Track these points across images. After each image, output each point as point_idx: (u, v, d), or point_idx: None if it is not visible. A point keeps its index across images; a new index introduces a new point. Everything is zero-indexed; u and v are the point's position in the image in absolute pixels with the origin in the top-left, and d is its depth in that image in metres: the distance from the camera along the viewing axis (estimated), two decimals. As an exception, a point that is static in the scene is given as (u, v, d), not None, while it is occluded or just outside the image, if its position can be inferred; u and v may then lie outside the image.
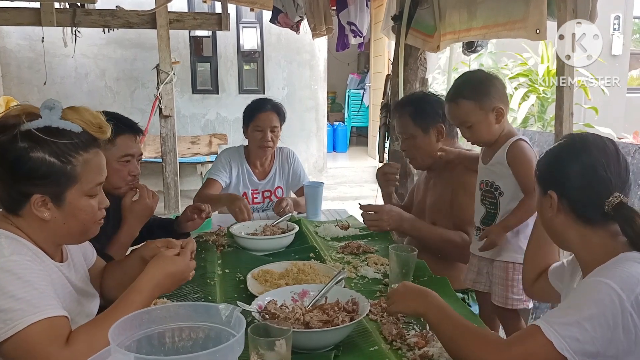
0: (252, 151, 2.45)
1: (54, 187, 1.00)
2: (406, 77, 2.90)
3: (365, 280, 1.53)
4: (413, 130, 1.88)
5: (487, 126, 1.54)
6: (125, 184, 1.64)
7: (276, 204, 2.26)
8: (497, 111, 1.53)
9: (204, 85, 6.70)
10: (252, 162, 2.48)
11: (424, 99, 1.92)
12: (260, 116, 2.38)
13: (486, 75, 1.58)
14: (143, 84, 6.41)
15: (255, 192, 2.49)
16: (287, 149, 2.58)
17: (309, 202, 2.29)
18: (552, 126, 4.47)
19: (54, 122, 0.99)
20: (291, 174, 2.54)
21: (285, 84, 6.86)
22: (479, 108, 1.53)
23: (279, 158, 2.54)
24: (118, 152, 1.60)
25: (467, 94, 1.53)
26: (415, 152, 1.89)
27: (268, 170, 2.51)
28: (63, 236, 1.06)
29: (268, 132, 2.36)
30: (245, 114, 2.45)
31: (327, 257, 1.72)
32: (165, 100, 4.39)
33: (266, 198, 2.51)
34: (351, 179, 7.16)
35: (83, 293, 1.13)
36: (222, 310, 0.88)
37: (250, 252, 1.77)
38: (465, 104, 1.54)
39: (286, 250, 1.81)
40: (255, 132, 2.38)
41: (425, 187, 2.01)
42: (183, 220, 1.91)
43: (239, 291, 1.44)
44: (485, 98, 1.52)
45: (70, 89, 6.23)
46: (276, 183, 2.51)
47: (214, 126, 6.73)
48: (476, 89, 1.53)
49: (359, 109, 8.64)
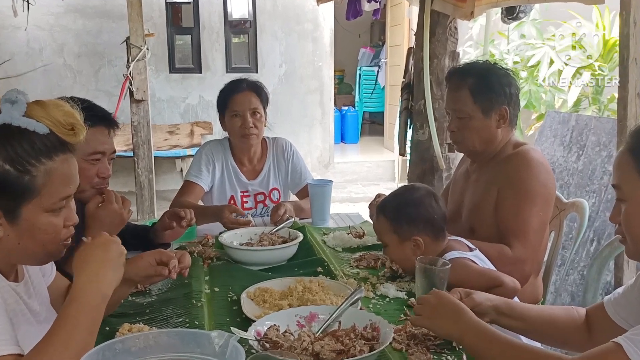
0: (236, 144, 2.46)
1: (6, 200, 0.98)
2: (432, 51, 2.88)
3: (386, 300, 1.52)
4: (471, 109, 1.84)
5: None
6: (91, 187, 1.64)
7: (272, 211, 2.24)
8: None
9: (183, 63, 6.70)
10: (238, 158, 2.48)
11: (490, 71, 1.88)
12: (235, 99, 2.38)
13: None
14: (110, 62, 6.42)
15: (246, 195, 2.48)
16: (282, 140, 2.57)
17: (314, 205, 2.28)
18: (611, 110, 4.46)
19: (15, 119, 0.98)
20: (290, 171, 2.53)
21: (282, 61, 6.85)
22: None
23: (272, 151, 2.53)
24: (86, 149, 1.59)
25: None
26: (467, 133, 1.87)
27: (259, 168, 2.51)
28: (18, 257, 1.04)
29: (248, 117, 2.36)
30: (219, 102, 2.46)
31: (338, 272, 1.71)
32: (137, 81, 4.39)
33: (259, 203, 2.50)
34: (364, 176, 7.16)
35: (42, 316, 1.12)
36: (214, 338, 0.88)
37: (245, 266, 1.77)
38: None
39: (289, 264, 1.81)
40: (233, 119, 2.38)
41: (464, 183, 2.00)
42: (160, 228, 1.91)
43: (232, 314, 1.43)
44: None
45: (21, 67, 6.22)
46: (271, 184, 2.51)
47: (196, 112, 6.74)
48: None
49: (372, 91, 8.62)
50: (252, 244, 1.90)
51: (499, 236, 1.77)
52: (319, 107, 7.08)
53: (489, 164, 1.89)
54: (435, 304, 1.14)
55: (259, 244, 1.88)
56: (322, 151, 7.16)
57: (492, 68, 1.90)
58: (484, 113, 1.84)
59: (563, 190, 3.26)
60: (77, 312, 0.96)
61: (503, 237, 1.76)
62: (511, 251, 1.72)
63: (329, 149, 7.20)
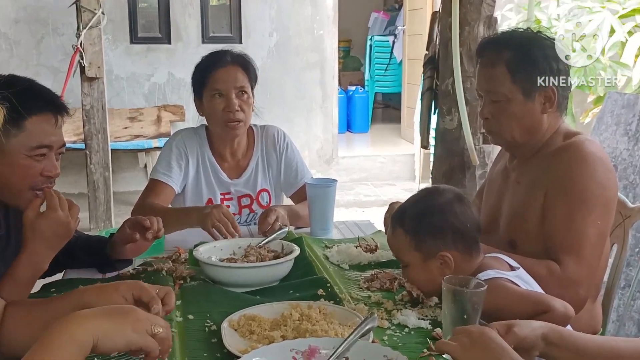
0: (216, 134, 2.47)
1: None
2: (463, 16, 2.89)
3: (405, 331, 1.52)
4: (509, 90, 1.84)
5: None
6: (31, 189, 1.64)
7: (261, 218, 2.25)
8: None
9: (148, 31, 6.72)
10: (218, 151, 2.49)
11: (534, 41, 1.88)
12: (216, 75, 2.39)
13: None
14: (55, 30, 6.43)
15: (227, 199, 2.49)
16: (274, 129, 2.58)
17: (314, 210, 2.29)
18: (689, 91, 4.45)
19: None
20: (283, 168, 2.54)
21: (273, 29, 6.87)
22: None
23: (261, 143, 2.54)
24: (28, 142, 1.59)
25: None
26: (504, 121, 1.87)
27: (245, 164, 2.52)
28: None
29: (233, 97, 2.36)
30: (194, 80, 2.47)
31: (344, 296, 1.72)
32: (90, 54, 4.40)
33: (244, 208, 2.51)
34: (376, 174, 7.17)
35: None
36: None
37: (227, 288, 1.77)
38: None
39: (282, 285, 1.81)
40: (213, 100, 2.39)
41: (502, 185, 2.00)
42: (120, 240, 1.91)
43: (210, 349, 1.43)
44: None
45: (-56, 37, 6.26)
46: (259, 184, 2.52)
47: (164, 93, 6.75)
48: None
49: (387, 67, 8.64)
50: (235, 259, 1.89)
51: (547, 251, 1.77)
52: (320, 87, 7.09)
53: (533, 160, 1.89)
54: (476, 338, 1.15)
55: (244, 260, 1.87)
56: (324, 143, 7.17)
57: (536, 38, 1.90)
58: (525, 95, 1.84)
59: (628, 192, 3.26)
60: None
61: (552, 253, 1.76)
62: (562, 270, 1.72)
63: (332, 139, 7.21)
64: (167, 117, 6.56)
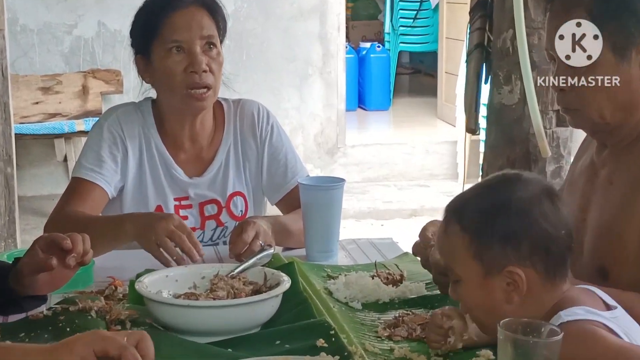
0: (169, 109, 2.49)
1: None
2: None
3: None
4: (594, 48, 1.86)
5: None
6: None
7: (233, 234, 2.28)
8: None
9: (70, -38, 6.75)
10: (171, 135, 2.52)
11: None
12: (173, 20, 2.41)
13: None
14: None
15: (184, 205, 2.52)
16: (253, 105, 2.63)
17: (311, 224, 2.31)
18: None
19: None
20: (265, 161, 2.58)
21: (251, -42, 6.89)
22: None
23: (233, 125, 2.58)
24: None
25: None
26: (588, 93, 1.88)
27: (210, 156, 2.56)
28: None
29: (199, 53, 2.39)
30: (138, 30, 2.50)
31: (355, 349, 1.71)
32: (-15, -3, 4.40)
33: (208, 219, 2.54)
34: (401, 170, 7.20)
35: None
36: None
37: (183, 337, 1.78)
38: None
39: (264, 333, 1.83)
40: (168, 58, 2.41)
41: (587, 186, 2.01)
42: (29, 268, 1.90)
43: None
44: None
45: None
46: (230, 185, 2.55)
47: (92, 53, 6.80)
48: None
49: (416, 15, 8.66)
50: (196, 295, 1.90)
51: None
52: (319, 43, 7.12)
53: (630, 151, 1.90)
54: None
55: (209, 296, 1.88)
56: (325, 125, 7.19)
57: None
58: (616, 54, 1.85)
59: None
60: None
61: None
62: None
63: (336, 120, 7.25)
64: (96, 87, 6.57)
